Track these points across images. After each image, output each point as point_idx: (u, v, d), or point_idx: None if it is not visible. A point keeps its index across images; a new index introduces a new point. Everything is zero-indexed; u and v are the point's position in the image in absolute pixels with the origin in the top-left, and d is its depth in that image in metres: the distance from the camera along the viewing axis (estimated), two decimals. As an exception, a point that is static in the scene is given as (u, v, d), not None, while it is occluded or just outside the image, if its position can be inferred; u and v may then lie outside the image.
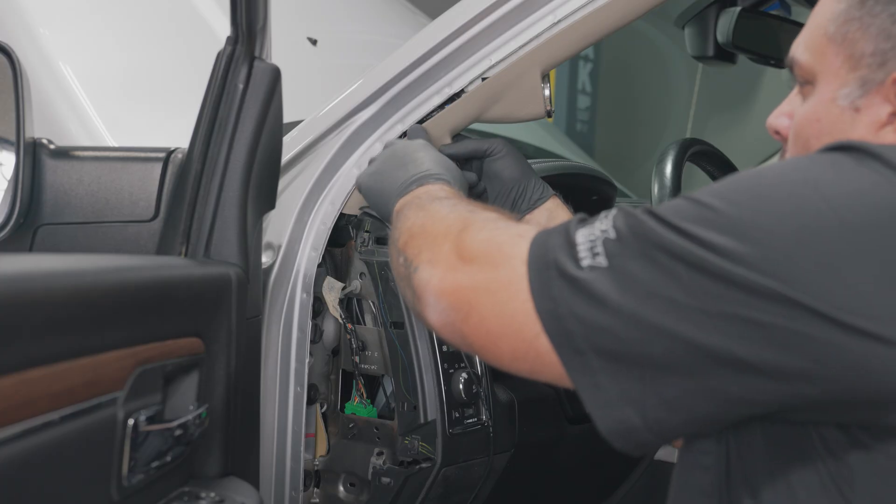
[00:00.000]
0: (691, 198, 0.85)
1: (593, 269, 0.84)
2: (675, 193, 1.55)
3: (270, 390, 1.43)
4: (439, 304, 0.96)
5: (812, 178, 0.82)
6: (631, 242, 0.84)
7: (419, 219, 1.09)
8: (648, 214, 0.85)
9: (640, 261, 0.82)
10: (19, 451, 0.80)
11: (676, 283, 0.80)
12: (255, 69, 1.26)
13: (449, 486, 1.53)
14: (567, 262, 0.85)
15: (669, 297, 0.80)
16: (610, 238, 0.85)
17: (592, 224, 0.88)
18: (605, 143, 5.24)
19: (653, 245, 0.82)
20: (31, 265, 0.88)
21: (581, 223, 0.89)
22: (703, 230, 0.81)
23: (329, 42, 2.53)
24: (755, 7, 1.85)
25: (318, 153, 1.49)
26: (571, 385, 0.86)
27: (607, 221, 0.87)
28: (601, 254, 0.84)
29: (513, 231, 0.96)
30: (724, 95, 4.39)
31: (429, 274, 0.99)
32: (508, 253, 0.91)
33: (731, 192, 0.83)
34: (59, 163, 1.34)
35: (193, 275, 1.16)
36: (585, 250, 0.85)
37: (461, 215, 1.04)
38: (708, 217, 0.82)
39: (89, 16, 2.12)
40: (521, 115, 1.43)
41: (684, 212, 0.83)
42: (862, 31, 0.93)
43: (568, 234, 0.88)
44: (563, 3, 1.35)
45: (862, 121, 0.93)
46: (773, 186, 0.82)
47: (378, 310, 1.51)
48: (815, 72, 0.97)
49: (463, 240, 0.97)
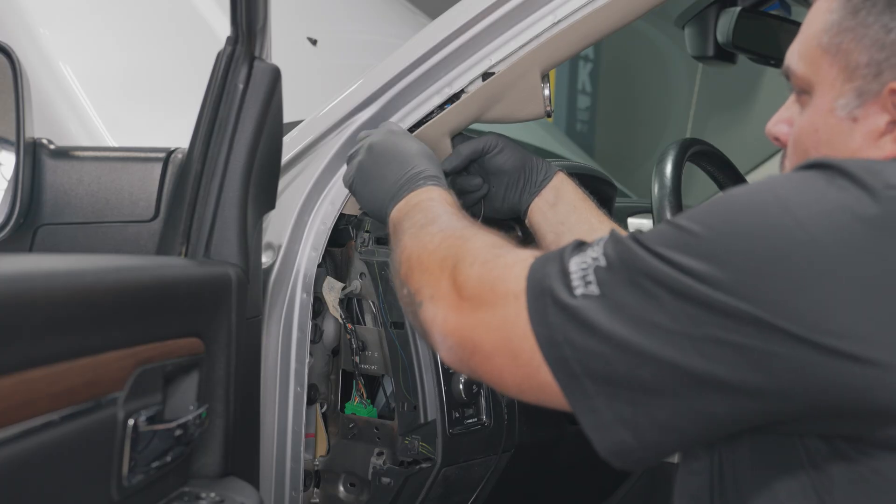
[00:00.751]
0: (674, 223, 0.88)
1: (586, 297, 0.87)
2: (675, 193, 1.54)
3: (270, 390, 1.43)
4: (446, 342, 1.00)
5: (784, 198, 0.84)
6: (619, 270, 0.86)
7: (415, 249, 1.11)
8: (635, 241, 0.88)
9: (628, 288, 0.85)
10: (19, 451, 0.80)
11: (661, 309, 0.83)
12: (255, 69, 1.26)
13: (449, 487, 1.52)
14: (561, 291, 0.88)
15: (655, 322, 0.83)
16: (601, 266, 0.88)
17: (585, 252, 0.91)
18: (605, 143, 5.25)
19: (639, 272, 0.85)
20: (31, 265, 0.88)
21: (575, 250, 0.92)
22: (681, 256, 0.84)
23: (329, 42, 2.53)
24: (755, 7, 1.85)
25: (318, 153, 1.49)
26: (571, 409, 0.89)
27: (598, 249, 0.90)
28: (593, 282, 0.87)
29: (502, 262, 0.98)
30: (724, 95, 4.39)
31: (433, 313, 1.02)
32: (502, 290, 0.94)
33: (709, 217, 0.86)
34: (59, 163, 1.34)
35: (193, 275, 1.16)
36: (578, 279, 0.88)
37: (452, 245, 1.06)
38: (687, 242, 0.84)
39: (89, 16, 2.12)
40: (521, 115, 1.43)
41: (666, 238, 0.86)
42: (856, 42, 0.94)
43: (562, 262, 0.91)
44: (563, 3, 1.35)
45: (860, 130, 0.94)
46: (746, 209, 0.85)
47: (378, 310, 1.51)
48: (812, 82, 0.98)
49: (457, 276, 1.00)
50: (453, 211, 1.18)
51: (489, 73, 1.41)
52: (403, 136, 1.35)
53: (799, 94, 1.01)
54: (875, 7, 0.92)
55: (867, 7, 0.93)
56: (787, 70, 1.01)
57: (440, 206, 1.19)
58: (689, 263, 0.83)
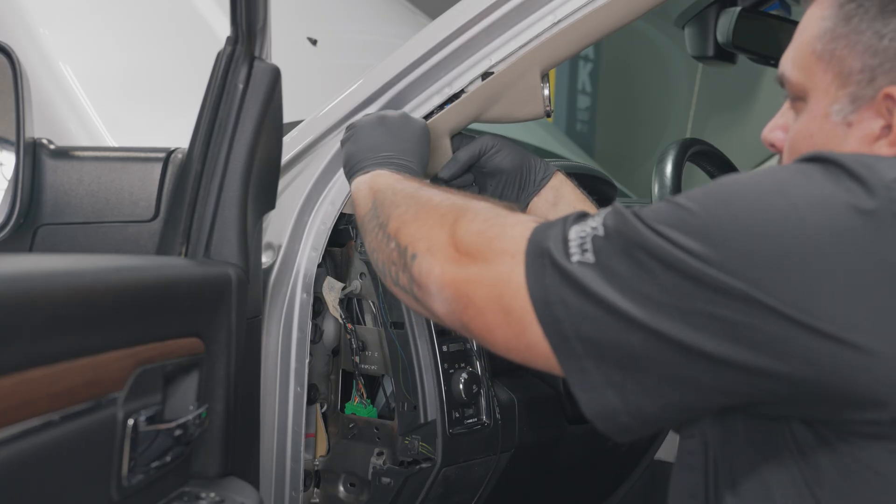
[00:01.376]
0: (672, 200, 0.90)
1: (581, 264, 0.89)
2: (675, 193, 1.55)
3: (270, 390, 1.43)
4: (441, 294, 1.01)
5: (780, 183, 0.87)
6: (615, 240, 0.89)
7: (412, 205, 1.13)
8: (634, 215, 0.90)
9: (623, 257, 0.88)
10: (19, 451, 0.80)
11: (653, 280, 0.86)
12: (255, 69, 1.26)
13: (449, 487, 1.53)
14: (559, 255, 0.91)
15: (646, 292, 0.86)
16: (599, 235, 0.90)
17: (586, 221, 0.93)
18: (605, 143, 5.24)
19: (634, 244, 0.87)
20: (31, 265, 0.88)
21: (577, 220, 0.94)
22: (677, 233, 0.86)
23: (329, 42, 2.53)
24: (755, 7, 1.85)
25: (318, 153, 1.49)
26: (560, 370, 0.91)
27: (599, 219, 0.92)
28: (589, 250, 0.89)
29: (503, 221, 1.00)
30: (724, 95, 4.39)
31: (429, 264, 1.03)
32: (499, 248, 0.96)
33: (705, 197, 0.88)
34: (59, 163, 1.34)
35: (193, 275, 1.16)
36: (576, 247, 0.90)
37: (455, 203, 1.09)
38: (683, 219, 0.87)
39: (89, 16, 2.12)
40: (521, 115, 1.43)
41: (663, 215, 0.88)
42: (849, 49, 0.95)
43: (564, 229, 0.93)
44: (563, 3, 1.35)
45: (854, 135, 0.96)
46: (742, 192, 0.87)
47: (378, 310, 1.51)
48: (806, 89, 0.99)
49: (457, 230, 1.02)
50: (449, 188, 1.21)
51: (489, 72, 1.41)
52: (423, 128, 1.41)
53: (794, 100, 1.02)
54: (867, 14, 0.94)
55: (860, 14, 0.95)
56: (781, 77, 1.03)
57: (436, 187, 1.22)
58: (683, 240, 0.85)
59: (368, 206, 1.22)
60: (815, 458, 0.88)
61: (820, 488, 0.88)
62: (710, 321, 0.84)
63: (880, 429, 0.84)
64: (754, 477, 0.93)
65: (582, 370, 0.89)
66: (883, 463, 0.85)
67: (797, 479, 0.89)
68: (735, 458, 0.95)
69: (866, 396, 0.82)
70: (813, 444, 0.88)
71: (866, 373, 0.82)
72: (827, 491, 0.88)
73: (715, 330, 0.84)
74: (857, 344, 0.81)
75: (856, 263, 0.82)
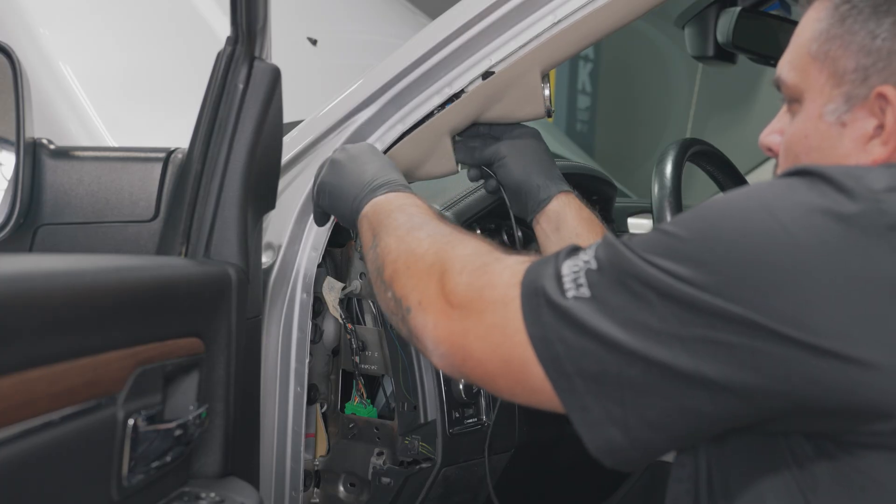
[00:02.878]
0: (661, 229, 0.90)
1: (577, 299, 0.89)
2: (675, 193, 1.54)
3: (270, 390, 1.43)
4: (438, 350, 1.01)
5: (766, 202, 0.86)
6: (609, 272, 0.89)
7: (402, 252, 1.11)
8: (625, 246, 0.90)
9: (618, 289, 0.87)
10: (19, 451, 0.80)
11: (649, 310, 0.85)
12: (255, 69, 1.26)
13: (449, 487, 1.52)
14: (554, 292, 0.90)
15: (644, 322, 0.85)
16: (592, 269, 0.90)
17: (578, 256, 0.93)
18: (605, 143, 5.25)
19: (628, 275, 0.87)
20: (31, 265, 0.88)
21: (569, 255, 0.94)
22: (668, 261, 0.86)
23: (329, 42, 2.53)
24: (755, 7, 1.85)
25: (318, 153, 1.49)
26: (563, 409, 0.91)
27: (591, 252, 0.92)
28: (584, 284, 0.89)
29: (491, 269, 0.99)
30: (724, 95, 4.40)
31: (423, 319, 1.03)
32: (490, 297, 0.96)
33: (693, 222, 0.88)
34: (59, 163, 1.34)
35: (193, 275, 1.16)
36: (570, 282, 0.90)
37: (440, 251, 1.07)
38: (674, 247, 0.87)
39: (89, 16, 2.12)
40: (521, 114, 1.43)
41: (653, 244, 0.88)
42: (843, 49, 0.96)
43: (556, 265, 0.93)
44: (563, 3, 1.35)
45: (849, 135, 0.96)
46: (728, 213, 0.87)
47: (378, 310, 1.51)
48: (801, 90, 1.00)
49: (446, 283, 1.01)
50: (438, 217, 1.19)
51: (489, 72, 1.41)
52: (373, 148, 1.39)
53: (790, 103, 1.03)
54: (861, 14, 0.95)
55: (853, 14, 0.96)
56: (777, 80, 1.04)
57: (425, 212, 1.20)
58: (675, 268, 0.85)
59: (369, 245, 1.21)
60: (811, 467, 0.88)
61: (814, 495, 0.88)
62: (709, 347, 0.83)
63: (882, 438, 0.83)
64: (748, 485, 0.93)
65: (583, 408, 0.88)
66: (882, 471, 0.84)
67: (792, 487, 0.89)
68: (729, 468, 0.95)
69: (870, 409, 0.82)
70: (810, 454, 0.88)
71: (869, 386, 0.81)
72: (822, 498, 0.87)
73: (715, 356, 0.83)
74: (858, 358, 0.81)
75: (843, 272, 0.82)
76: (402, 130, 1.47)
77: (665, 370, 0.84)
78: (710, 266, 0.84)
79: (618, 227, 2.09)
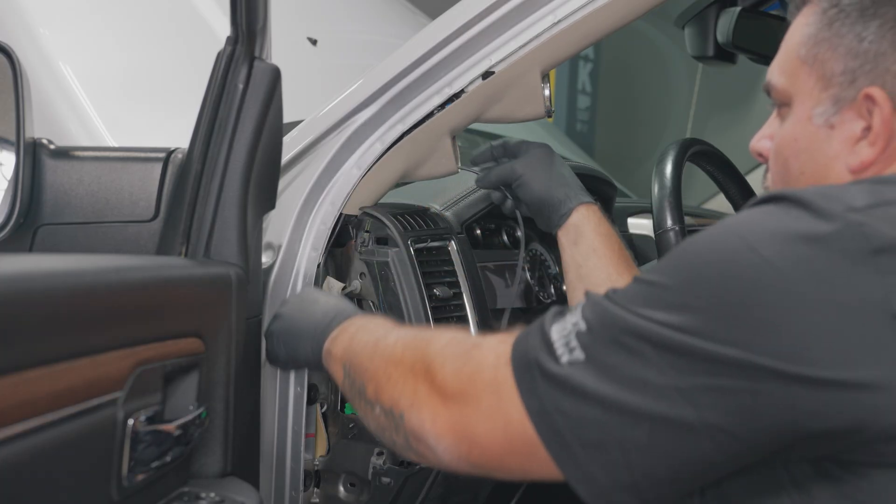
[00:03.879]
0: (642, 280, 0.89)
1: (572, 364, 0.87)
2: (675, 193, 1.54)
3: (270, 390, 1.43)
4: (441, 444, 0.98)
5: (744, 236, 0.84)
6: (600, 332, 0.87)
7: (379, 365, 1.08)
8: (611, 301, 0.88)
9: (612, 347, 0.85)
10: (19, 451, 0.80)
11: (647, 365, 0.83)
12: (255, 69, 1.26)
13: (449, 487, 1.52)
14: (547, 361, 0.88)
15: (643, 378, 0.83)
16: (582, 330, 0.88)
17: (565, 318, 0.91)
18: (605, 143, 5.25)
19: (619, 330, 0.85)
20: (31, 265, 0.88)
21: (555, 318, 0.92)
22: (656, 311, 0.84)
23: (329, 42, 2.53)
24: (755, 7, 1.85)
25: (318, 153, 1.49)
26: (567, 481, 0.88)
27: (577, 314, 0.90)
28: (577, 347, 0.87)
29: (474, 353, 0.97)
30: (724, 95, 4.40)
31: (419, 418, 0.99)
32: (481, 381, 0.94)
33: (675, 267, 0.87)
34: (59, 163, 1.34)
35: (193, 275, 1.16)
36: (562, 346, 0.88)
37: (417, 350, 1.04)
38: (659, 296, 0.85)
39: (89, 16, 2.12)
40: (521, 114, 1.43)
41: (639, 296, 0.87)
42: (831, 52, 0.97)
43: (544, 332, 0.91)
44: (563, 3, 1.35)
45: (837, 137, 0.97)
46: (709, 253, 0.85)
47: (378, 310, 1.51)
48: (791, 93, 1.01)
49: (434, 378, 0.99)
50: (398, 324, 1.17)
51: (489, 72, 1.41)
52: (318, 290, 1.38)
53: (780, 107, 1.03)
54: (848, 18, 0.96)
55: (841, 18, 0.96)
56: (767, 85, 1.04)
57: (384, 323, 1.18)
58: (665, 317, 0.84)
59: (342, 377, 1.17)
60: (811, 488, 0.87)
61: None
62: (711, 395, 0.82)
63: (886, 457, 0.82)
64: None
65: (590, 479, 0.86)
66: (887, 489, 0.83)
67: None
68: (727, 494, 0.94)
69: (876, 429, 0.81)
70: (811, 476, 0.86)
71: (874, 407, 0.80)
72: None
73: (717, 403, 0.82)
74: (860, 381, 0.79)
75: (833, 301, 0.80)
76: (402, 130, 1.47)
77: (670, 426, 0.83)
78: (699, 311, 0.82)
79: (618, 227, 2.09)
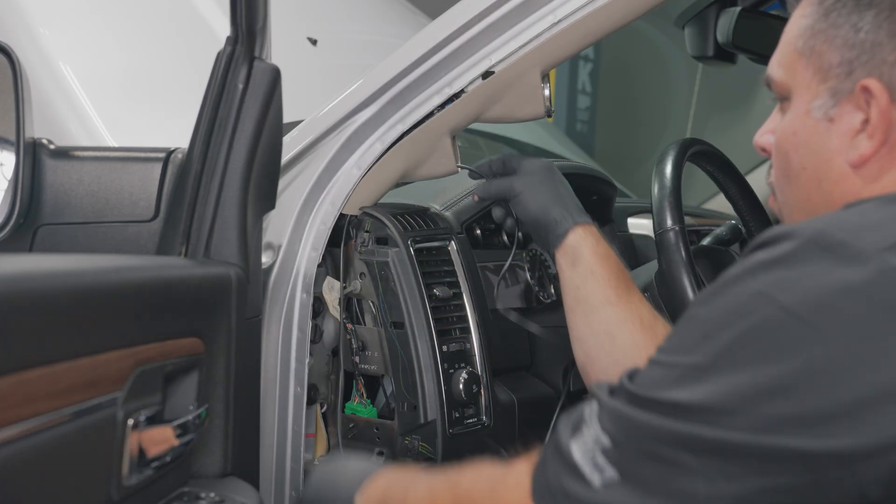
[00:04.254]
0: (659, 361, 0.82)
1: (607, 486, 0.79)
2: (675, 193, 1.54)
3: (270, 390, 1.43)
4: None
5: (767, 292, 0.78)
6: (627, 445, 0.80)
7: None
8: (628, 402, 0.81)
9: (646, 461, 0.78)
10: (19, 451, 0.80)
11: (691, 475, 0.76)
12: (255, 69, 1.26)
13: (449, 486, 1.52)
14: (576, 486, 0.81)
15: (690, 491, 0.76)
16: (607, 447, 0.81)
17: (582, 435, 0.83)
18: (605, 143, 5.25)
19: (649, 440, 0.78)
20: (31, 265, 0.88)
21: (572, 437, 0.84)
22: (682, 392, 0.77)
23: (329, 42, 2.53)
24: (755, 7, 1.85)
25: (318, 153, 1.49)
26: None
27: (595, 427, 0.82)
28: (605, 465, 0.80)
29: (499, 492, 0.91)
30: (724, 95, 4.40)
31: None
32: None
33: (695, 339, 0.80)
34: (59, 163, 1.34)
35: (193, 275, 1.16)
36: (589, 467, 0.81)
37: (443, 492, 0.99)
38: (683, 376, 0.78)
39: (89, 16, 2.12)
40: (521, 114, 1.43)
41: (658, 380, 0.80)
42: (828, 43, 0.96)
43: (563, 456, 0.83)
44: (563, 3, 1.35)
45: (836, 130, 0.95)
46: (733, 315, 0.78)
47: (378, 310, 1.51)
48: (790, 87, 1.00)
49: None
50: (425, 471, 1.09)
51: (489, 72, 1.41)
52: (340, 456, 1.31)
53: (781, 101, 1.03)
54: (845, 8, 0.95)
55: (837, 9, 0.95)
56: (768, 79, 1.03)
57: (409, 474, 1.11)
58: (693, 399, 0.76)
59: None
60: None
61: None
62: (769, 497, 0.74)
63: None
64: None
65: None
66: None
67: None
68: None
69: None
70: None
71: None
72: None
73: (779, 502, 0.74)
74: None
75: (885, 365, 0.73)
76: (402, 130, 1.47)
77: None
78: (734, 391, 0.74)
79: (618, 227, 2.09)
